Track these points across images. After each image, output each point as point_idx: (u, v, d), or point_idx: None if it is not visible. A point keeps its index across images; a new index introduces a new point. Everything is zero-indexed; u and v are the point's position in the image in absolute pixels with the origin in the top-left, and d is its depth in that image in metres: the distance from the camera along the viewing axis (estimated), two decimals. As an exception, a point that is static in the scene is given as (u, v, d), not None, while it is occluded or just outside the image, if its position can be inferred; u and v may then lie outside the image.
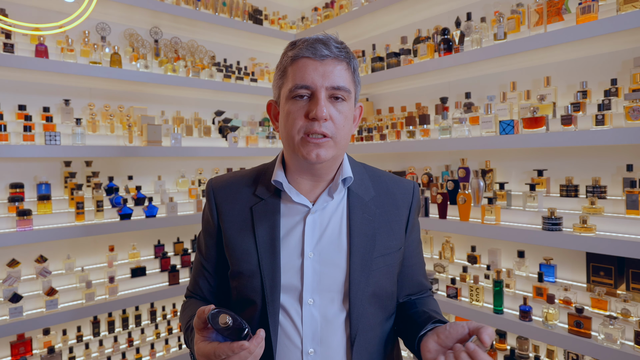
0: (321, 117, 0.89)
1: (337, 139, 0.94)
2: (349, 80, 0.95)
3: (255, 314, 0.98)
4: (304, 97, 0.93)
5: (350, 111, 0.97)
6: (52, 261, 2.46)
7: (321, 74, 0.91)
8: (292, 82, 0.93)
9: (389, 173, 1.14)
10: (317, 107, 0.90)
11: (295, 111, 0.93)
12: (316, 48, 0.91)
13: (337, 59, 0.93)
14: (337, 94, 0.93)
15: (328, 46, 0.92)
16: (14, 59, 2.11)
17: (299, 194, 1.00)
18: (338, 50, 0.93)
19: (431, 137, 2.51)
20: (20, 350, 2.17)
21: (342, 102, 0.94)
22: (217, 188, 1.07)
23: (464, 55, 2.24)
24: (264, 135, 3.26)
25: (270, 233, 0.99)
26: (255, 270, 0.97)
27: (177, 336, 2.67)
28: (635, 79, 1.81)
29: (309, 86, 0.91)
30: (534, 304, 2.00)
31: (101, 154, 2.38)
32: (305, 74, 0.91)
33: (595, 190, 1.95)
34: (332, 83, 0.91)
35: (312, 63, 0.91)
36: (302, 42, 0.94)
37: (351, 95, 0.96)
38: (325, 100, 0.91)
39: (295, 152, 0.95)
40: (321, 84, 0.91)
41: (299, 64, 0.93)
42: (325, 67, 0.91)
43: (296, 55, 0.93)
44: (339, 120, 0.93)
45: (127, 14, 2.69)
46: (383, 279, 1.00)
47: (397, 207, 1.06)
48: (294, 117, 0.93)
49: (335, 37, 0.96)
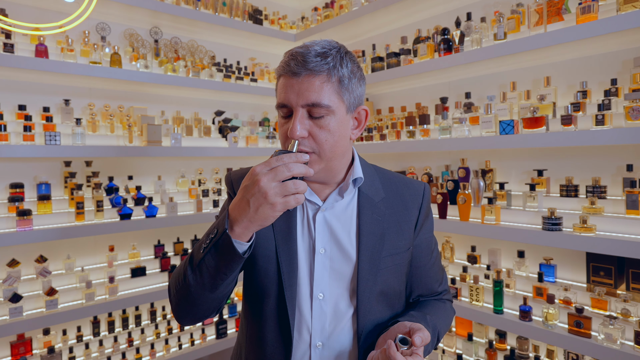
0: (294, 137, 0.89)
1: (322, 153, 0.93)
2: (330, 92, 0.90)
3: (270, 304, 0.99)
4: (288, 115, 0.94)
5: (339, 122, 0.94)
6: (52, 261, 2.46)
7: (296, 92, 0.90)
8: (277, 100, 0.95)
9: (400, 175, 1.15)
10: (291, 126, 0.90)
11: (281, 128, 0.96)
12: (290, 65, 0.90)
13: (312, 73, 0.89)
14: (314, 112, 0.90)
15: (304, 61, 0.89)
16: (14, 59, 2.11)
17: (311, 192, 1.02)
18: (314, 63, 0.89)
19: (431, 137, 2.51)
20: (20, 350, 2.17)
21: (323, 117, 0.91)
22: (236, 179, 1.11)
23: (464, 55, 2.24)
24: (264, 135, 3.26)
25: (286, 222, 1.01)
26: (272, 255, 0.99)
27: (177, 336, 2.67)
28: (635, 79, 1.81)
29: (286, 105, 0.92)
30: (534, 304, 2.00)
31: (101, 154, 2.38)
32: (282, 92, 0.92)
33: (595, 190, 1.95)
34: (306, 100, 0.89)
35: (288, 81, 0.91)
36: (284, 57, 0.93)
37: (333, 108, 0.91)
38: (301, 118, 0.90)
39: None
40: (296, 102, 0.90)
41: (280, 81, 0.94)
42: (300, 84, 0.89)
43: (278, 72, 0.95)
44: (320, 136, 0.91)
45: (127, 14, 2.69)
46: (391, 278, 1.02)
47: (407, 208, 1.07)
48: (281, 134, 0.96)
49: (318, 47, 0.92)
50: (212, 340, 2.79)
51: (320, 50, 0.91)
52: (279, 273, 0.98)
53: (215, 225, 0.88)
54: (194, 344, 2.71)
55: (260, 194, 0.79)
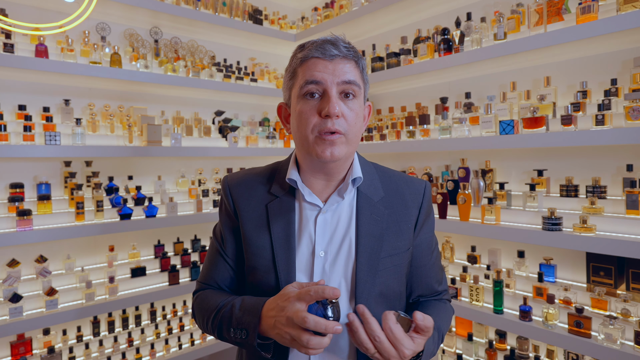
0: (334, 114, 0.91)
1: (349, 137, 0.95)
2: (358, 76, 0.97)
3: None
4: (315, 96, 0.94)
5: (361, 109, 0.99)
6: (52, 261, 2.46)
7: (331, 71, 0.93)
8: (302, 79, 0.95)
9: (400, 173, 1.14)
10: (329, 104, 0.91)
11: (308, 110, 0.94)
12: (325, 48, 0.94)
13: (346, 57, 0.95)
14: (348, 89, 0.94)
15: (337, 46, 0.94)
16: (14, 59, 2.11)
17: (311, 194, 1.02)
18: (346, 49, 0.95)
19: (431, 137, 2.51)
20: (20, 350, 2.17)
21: (352, 99, 0.96)
22: (233, 185, 1.09)
23: (463, 55, 2.24)
24: (264, 135, 3.26)
25: (285, 230, 1.01)
26: (270, 266, 0.99)
27: (177, 336, 2.67)
28: (635, 79, 1.81)
29: (319, 81, 0.93)
30: (534, 304, 2.00)
31: (101, 154, 2.38)
32: (315, 71, 0.93)
33: (595, 190, 1.95)
34: (342, 78, 0.93)
35: (321, 62, 0.94)
36: (311, 44, 0.97)
37: (361, 92, 0.98)
38: (336, 97, 0.93)
39: (309, 151, 0.96)
40: (332, 80, 0.93)
41: (308, 64, 0.95)
42: (334, 65, 0.94)
43: (305, 56, 0.96)
44: (350, 118, 0.95)
45: (127, 14, 2.69)
46: (390, 279, 1.01)
47: (407, 207, 1.06)
48: (307, 116, 0.94)
49: (342, 37, 0.99)
50: (212, 340, 2.79)
51: (346, 40, 0.99)
52: (277, 282, 0.98)
53: (244, 324, 0.93)
54: (194, 344, 2.71)
55: (287, 333, 0.85)
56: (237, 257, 1.10)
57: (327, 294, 0.81)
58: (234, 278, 1.11)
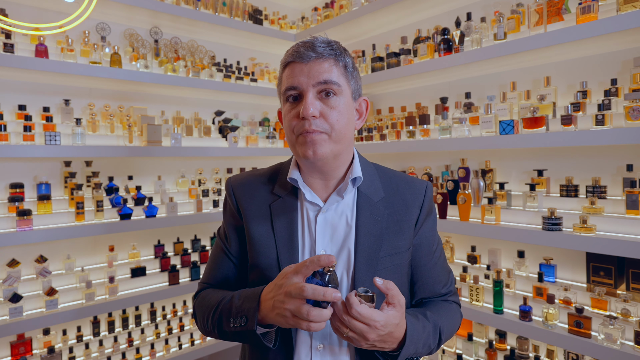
0: (307, 116, 0.93)
1: (333, 135, 0.96)
2: (338, 74, 0.97)
3: None
4: (296, 99, 0.98)
5: (347, 105, 0.99)
6: (52, 261, 2.46)
7: (306, 73, 0.95)
8: (284, 85, 0.99)
9: (401, 173, 1.15)
10: (303, 106, 0.93)
11: (288, 112, 0.98)
12: (300, 52, 0.96)
13: (322, 56, 0.96)
14: (326, 88, 0.95)
15: (312, 47, 0.96)
16: (14, 59, 2.11)
17: (312, 193, 1.03)
18: (323, 49, 0.96)
19: (431, 137, 2.51)
20: (20, 350, 2.17)
21: (334, 96, 0.96)
22: (236, 185, 1.12)
23: (463, 55, 2.24)
24: (264, 135, 3.26)
25: (288, 229, 1.02)
26: (274, 264, 1.00)
27: (177, 336, 2.67)
28: (635, 79, 1.81)
29: (296, 87, 0.96)
30: (534, 304, 2.00)
31: (101, 154, 2.38)
32: (292, 77, 0.96)
33: (595, 190, 1.95)
34: (317, 79, 0.94)
35: (298, 65, 0.96)
36: (291, 49, 0.99)
37: (342, 89, 0.97)
38: (313, 98, 0.95)
39: (296, 152, 1.00)
40: (307, 82, 0.95)
41: (288, 69, 0.98)
42: (310, 67, 0.95)
43: (285, 61, 0.99)
44: (332, 116, 0.95)
45: (127, 14, 2.69)
46: (390, 278, 1.00)
47: (407, 207, 1.07)
48: (289, 119, 0.98)
49: (323, 37, 0.99)
50: (212, 340, 2.79)
51: (326, 39, 0.99)
52: None
53: (244, 311, 0.92)
54: (194, 344, 2.71)
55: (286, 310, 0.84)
56: (240, 255, 1.11)
57: (322, 261, 0.82)
58: (237, 277, 1.12)
